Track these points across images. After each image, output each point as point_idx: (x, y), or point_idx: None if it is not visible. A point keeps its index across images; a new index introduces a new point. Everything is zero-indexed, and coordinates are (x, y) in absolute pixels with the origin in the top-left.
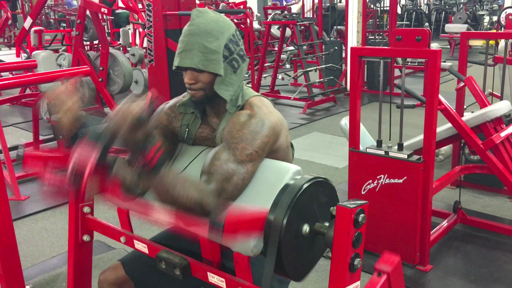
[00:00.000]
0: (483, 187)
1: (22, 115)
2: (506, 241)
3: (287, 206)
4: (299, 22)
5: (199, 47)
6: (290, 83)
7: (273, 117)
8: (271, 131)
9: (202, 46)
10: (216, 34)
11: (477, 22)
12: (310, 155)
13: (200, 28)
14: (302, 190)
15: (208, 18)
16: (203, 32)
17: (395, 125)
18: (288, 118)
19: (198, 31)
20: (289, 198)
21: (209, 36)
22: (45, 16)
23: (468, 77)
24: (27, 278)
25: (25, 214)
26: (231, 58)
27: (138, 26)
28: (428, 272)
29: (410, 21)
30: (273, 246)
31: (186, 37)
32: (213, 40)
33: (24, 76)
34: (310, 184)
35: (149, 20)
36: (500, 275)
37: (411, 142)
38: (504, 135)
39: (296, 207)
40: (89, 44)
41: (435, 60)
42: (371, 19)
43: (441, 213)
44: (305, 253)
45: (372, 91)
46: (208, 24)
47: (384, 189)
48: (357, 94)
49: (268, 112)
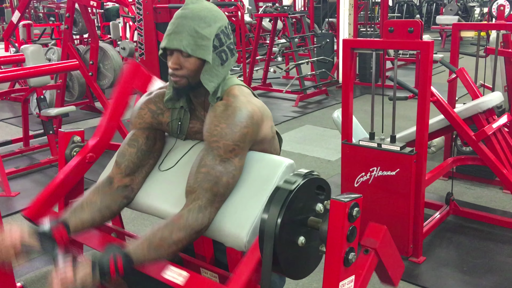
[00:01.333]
0: (475, 178)
1: (12, 110)
2: (498, 232)
3: (279, 209)
4: (290, 14)
5: (190, 30)
6: (282, 76)
7: (251, 106)
8: (249, 121)
9: (193, 30)
10: (209, 21)
11: (468, 14)
12: (302, 148)
13: (193, 13)
14: (293, 193)
15: (202, 5)
16: (195, 17)
17: (387, 117)
18: (280, 111)
19: (190, 15)
20: (280, 202)
21: (201, 21)
22: (34, 10)
23: (460, 69)
24: (18, 275)
25: (16, 210)
26: (220, 49)
27: (128, 20)
28: (421, 263)
29: (402, 13)
30: (269, 246)
31: (177, 20)
32: (205, 26)
33: (12, 71)
34: (302, 184)
35: (139, 14)
36: (493, 266)
37: (403, 134)
38: (496, 126)
39: (289, 211)
40: (78, 38)
41: (427, 51)
42: (363, 11)
43: (434, 205)
44: (302, 253)
45: (364, 83)
46: (202, 10)
47: (377, 181)
48: (349, 86)
49: (246, 101)
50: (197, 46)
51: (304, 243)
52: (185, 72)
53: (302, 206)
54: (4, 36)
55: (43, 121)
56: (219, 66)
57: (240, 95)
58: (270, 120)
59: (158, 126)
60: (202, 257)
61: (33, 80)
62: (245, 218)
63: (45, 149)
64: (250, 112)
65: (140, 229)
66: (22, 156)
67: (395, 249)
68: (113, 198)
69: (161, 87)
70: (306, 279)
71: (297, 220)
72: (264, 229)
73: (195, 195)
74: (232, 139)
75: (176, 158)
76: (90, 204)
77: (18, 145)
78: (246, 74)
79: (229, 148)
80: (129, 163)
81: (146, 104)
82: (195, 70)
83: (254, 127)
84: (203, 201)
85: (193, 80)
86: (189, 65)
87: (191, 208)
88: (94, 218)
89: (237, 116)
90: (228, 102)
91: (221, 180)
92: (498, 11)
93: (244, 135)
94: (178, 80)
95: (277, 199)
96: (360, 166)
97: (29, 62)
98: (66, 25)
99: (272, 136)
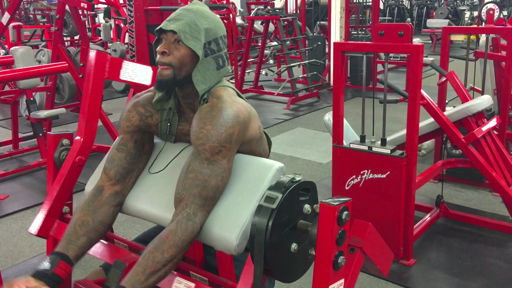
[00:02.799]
0: (465, 181)
1: (1, 112)
2: (488, 234)
3: (266, 223)
4: (282, 17)
5: (190, 21)
6: (273, 78)
7: (236, 105)
8: (235, 121)
9: (193, 22)
10: (210, 21)
11: (458, 17)
12: (294, 150)
13: (198, 10)
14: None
15: (207, 9)
16: (199, 13)
17: (378, 120)
18: (271, 113)
19: (195, 10)
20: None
21: (202, 18)
22: (25, 11)
23: (450, 72)
24: (6, 279)
25: (4, 214)
26: (218, 54)
27: (120, 21)
28: (411, 266)
29: (393, 16)
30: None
31: (180, 10)
32: (205, 23)
33: (1, 72)
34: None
35: (130, 15)
36: (483, 268)
37: (394, 137)
38: (486, 129)
39: (276, 223)
40: (69, 39)
41: (417, 55)
42: (354, 14)
43: (424, 207)
44: (293, 257)
45: (355, 86)
46: (206, 12)
47: (367, 184)
48: (340, 89)
49: (231, 101)
50: (192, 37)
51: (297, 249)
52: (171, 59)
53: (289, 213)
54: None
55: (32, 123)
56: (214, 70)
57: (225, 95)
58: (257, 119)
59: (146, 129)
60: (192, 260)
61: (22, 82)
62: (235, 221)
63: (34, 151)
64: (236, 111)
65: (130, 232)
66: (11, 158)
67: (381, 242)
68: (105, 211)
69: (149, 90)
70: (296, 282)
71: (287, 226)
72: (254, 239)
73: (183, 203)
74: (218, 141)
75: (166, 160)
76: (83, 226)
77: (8, 147)
78: (238, 76)
79: (215, 150)
80: (119, 169)
81: (134, 106)
82: (182, 60)
83: (241, 126)
84: (191, 208)
85: (179, 73)
86: (177, 53)
87: (180, 219)
88: (91, 239)
89: (222, 117)
90: (213, 103)
91: (209, 184)
92: (487, 15)
93: (230, 136)
94: (164, 69)
95: (262, 215)
96: (351, 169)
97: (19, 64)
98: (56, 26)
99: (260, 136)
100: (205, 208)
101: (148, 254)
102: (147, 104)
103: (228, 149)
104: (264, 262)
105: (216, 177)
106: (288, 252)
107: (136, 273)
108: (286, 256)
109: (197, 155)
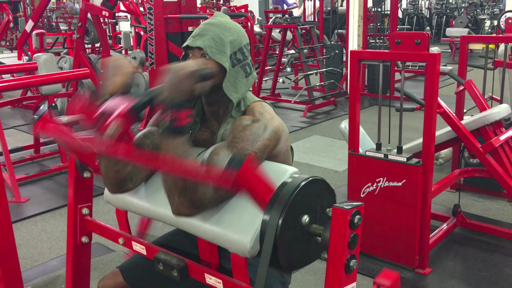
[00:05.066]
0: (482, 191)
1: (23, 117)
2: (505, 245)
3: (283, 204)
4: (300, 25)
5: (214, 35)
6: (290, 86)
7: (275, 122)
8: (273, 135)
9: (217, 36)
10: (233, 32)
11: (478, 26)
12: (310, 158)
13: (220, 23)
14: (299, 188)
15: (229, 20)
16: (221, 26)
17: (394, 129)
18: (288, 121)
19: (217, 23)
20: (286, 195)
21: (226, 30)
22: (47, 19)
23: (468, 81)
24: (26, 280)
25: (25, 216)
26: (244, 62)
27: (140, 29)
28: (427, 275)
29: (411, 25)
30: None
31: (204, 25)
32: (229, 35)
33: (24, 78)
34: (307, 182)
35: (150, 23)
36: (499, 279)
37: (410, 145)
38: (504, 139)
39: (293, 205)
40: (90, 47)
41: (434, 63)
42: (372, 23)
43: (441, 216)
44: (300, 245)
45: (372, 94)
46: (228, 23)
47: (383, 192)
48: (357, 97)
49: (270, 117)
50: (217, 51)
51: (308, 222)
52: None
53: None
54: (18, 44)
55: None
56: (243, 78)
57: (265, 111)
58: (287, 135)
59: None
60: (207, 263)
61: (44, 88)
62: (249, 224)
63: (55, 156)
64: (275, 127)
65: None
66: (32, 162)
67: None
68: None
69: None
70: (308, 285)
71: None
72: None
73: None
74: (251, 145)
75: None
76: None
77: (29, 152)
78: (255, 84)
79: (245, 151)
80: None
81: None
82: None
83: (275, 141)
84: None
85: None
86: None
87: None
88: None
89: (263, 130)
90: (255, 118)
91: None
92: (506, 24)
93: (265, 147)
94: None
95: (280, 199)
96: (366, 176)
97: (42, 70)
98: (78, 34)
99: (286, 149)
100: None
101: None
102: None
103: (257, 157)
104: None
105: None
106: (298, 225)
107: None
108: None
109: (226, 146)
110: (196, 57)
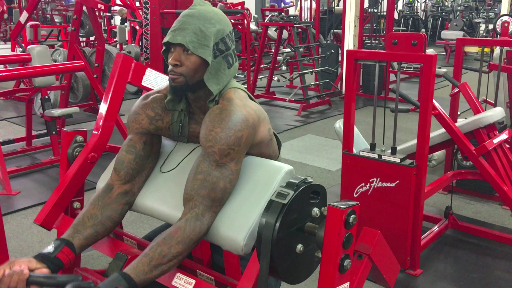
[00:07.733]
0: (475, 193)
1: (16, 109)
2: (496, 247)
3: (276, 218)
4: (296, 24)
5: (195, 28)
6: (285, 85)
7: (246, 109)
8: (244, 124)
9: (198, 29)
10: (214, 22)
11: (473, 30)
12: (303, 157)
13: (200, 13)
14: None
15: (209, 8)
16: (202, 17)
17: (389, 129)
18: (282, 119)
19: (197, 14)
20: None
21: (207, 22)
22: (42, 11)
23: (463, 83)
24: None
25: (16, 209)
26: (227, 53)
27: (135, 24)
28: (418, 276)
29: (407, 27)
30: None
31: (183, 18)
32: (210, 26)
33: (18, 69)
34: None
35: (146, 18)
36: (490, 281)
37: (404, 146)
38: (497, 142)
39: (286, 219)
40: (85, 40)
41: (430, 64)
42: (368, 24)
43: (433, 218)
44: (300, 259)
45: (367, 95)
46: (208, 12)
47: (376, 192)
48: (352, 97)
49: (241, 104)
50: (200, 45)
51: (302, 250)
52: (184, 69)
53: (299, 213)
54: (11, 36)
55: (46, 121)
56: (226, 69)
57: (236, 98)
58: (267, 122)
59: (156, 132)
60: (199, 260)
61: (38, 80)
62: (243, 222)
63: (47, 149)
64: (245, 115)
65: (138, 231)
66: (24, 155)
67: (389, 252)
68: (113, 207)
69: (158, 91)
70: (301, 284)
71: (295, 225)
72: (261, 234)
73: (192, 203)
74: (227, 143)
75: (177, 160)
76: (91, 218)
77: (21, 144)
78: (250, 82)
79: (224, 152)
80: (128, 170)
81: (143, 109)
82: (194, 69)
83: (250, 130)
84: (200, 209)
85: (191, 80)
86: (189, 63)
87: (189, 218)
88: (97, 232)
89: (232, 120)
90: (223, 106)
91: (218, 186)
92: (502, 28)
93: (239, 139)
94: (176, 78)
95: (273, 209)
96: (360, 176)
97: (35, 62)
98: (73, 27)
99: (270, 138)
100: (212, 209)
101: (155, 246)
102: (157, 107)
103: (236, 152)
104: (270, 259)
105: (224, 179)
106: (294, 252)
107: (142, 263)
108: (292, 256)
109: (206, 157)
110: (178, 52)
